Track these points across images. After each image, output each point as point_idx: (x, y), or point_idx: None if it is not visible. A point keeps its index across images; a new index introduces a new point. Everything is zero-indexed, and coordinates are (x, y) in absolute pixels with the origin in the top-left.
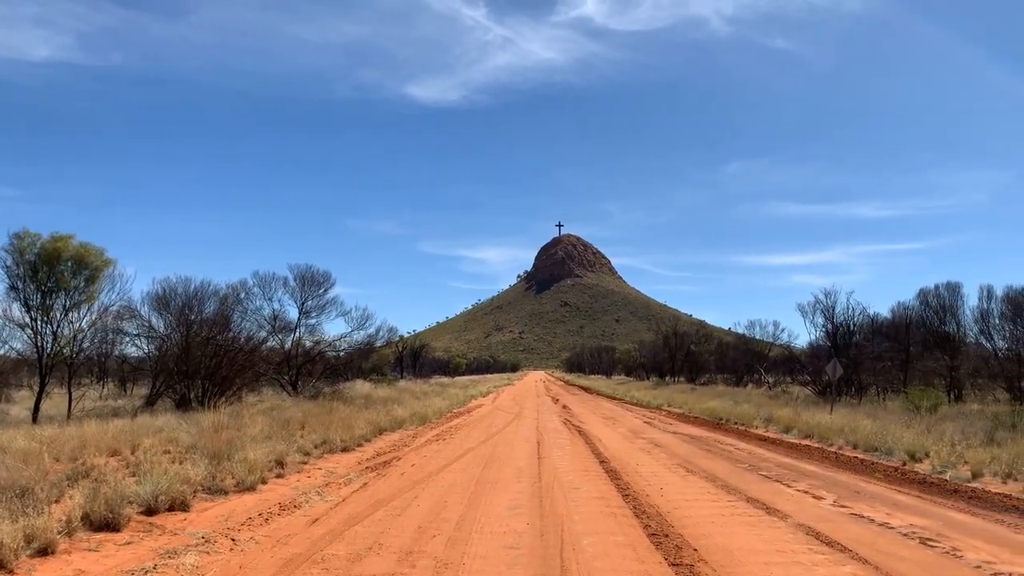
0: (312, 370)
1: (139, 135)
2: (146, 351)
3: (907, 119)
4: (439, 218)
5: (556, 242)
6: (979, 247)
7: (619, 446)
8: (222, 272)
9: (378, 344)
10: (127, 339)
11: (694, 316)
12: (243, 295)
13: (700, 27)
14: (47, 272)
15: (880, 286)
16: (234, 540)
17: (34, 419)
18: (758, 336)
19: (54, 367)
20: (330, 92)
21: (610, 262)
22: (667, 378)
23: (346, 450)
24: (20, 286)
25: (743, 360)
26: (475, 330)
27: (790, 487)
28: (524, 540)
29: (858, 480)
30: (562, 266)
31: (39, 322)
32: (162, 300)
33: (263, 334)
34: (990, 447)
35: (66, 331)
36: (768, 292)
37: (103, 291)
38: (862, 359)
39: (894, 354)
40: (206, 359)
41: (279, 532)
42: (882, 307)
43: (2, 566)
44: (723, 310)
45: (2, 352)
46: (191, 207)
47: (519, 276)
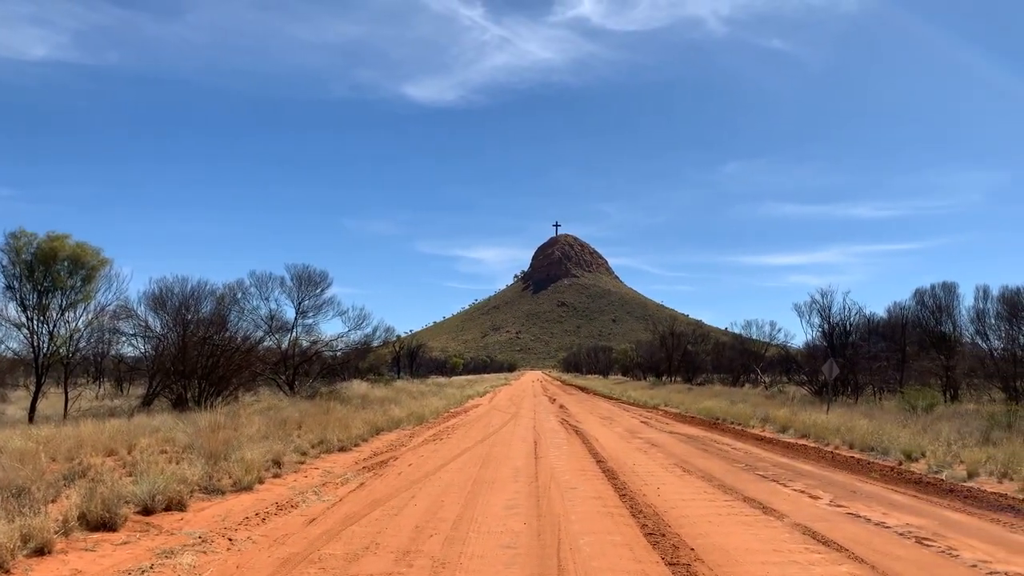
0: (309, 370)
1: (136, 135)
2: (142, 351)
3: (904, 119)
4: (436, 218)
5: (553, 242)
6: (976, 247)
7: (616, 446)
8: (219, 272)
9: (375, 344)
10: (123, 339)
11: (691, 316)
12: (240, 295)
13: (697, 27)
14: (43, 271)
15: (877, 286)
16: (231, 540)
17: (30, 419)
18: (755, 336)
19: (50, 367)
20: (327, 92)
21: (607, 262)
22: (664, 378)
23: (343, 450)
24: (16, 285)
25: (740, 360)
26: (472, 330)
27: (786, 487)
28: (521, 540)
29: (854, 480)
30: (559, 266)
31: (35, 322)
32: (159, 300)
33: (260, 334)
34: (986, 447)
35: (62, 331)
36: (765, 292)
37: (99, 291)
38: (858, 359)
39: (890, 354)
40: (203, 359)
41: (276, 532)
42: (878, 307)
43: None
44: (720, 310)
45: None
46: (188, 207)
47: (516, 276)
